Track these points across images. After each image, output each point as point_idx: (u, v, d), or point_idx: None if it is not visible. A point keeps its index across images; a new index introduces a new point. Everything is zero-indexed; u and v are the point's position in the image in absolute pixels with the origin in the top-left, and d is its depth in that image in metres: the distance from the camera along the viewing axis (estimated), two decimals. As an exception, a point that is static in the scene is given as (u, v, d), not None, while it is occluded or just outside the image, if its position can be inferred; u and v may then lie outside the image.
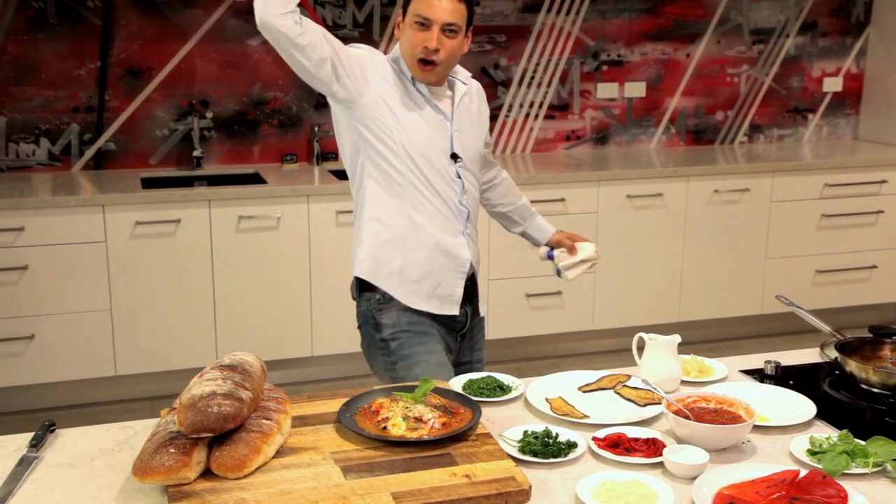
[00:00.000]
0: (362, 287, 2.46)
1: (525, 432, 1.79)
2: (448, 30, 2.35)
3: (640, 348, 2.08)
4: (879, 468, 1.68)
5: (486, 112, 2.61)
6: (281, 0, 2.15)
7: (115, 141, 4.36)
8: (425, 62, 2.36)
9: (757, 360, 2.22)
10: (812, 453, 1.73)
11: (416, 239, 2.41)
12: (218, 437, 1.66)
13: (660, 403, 1.92)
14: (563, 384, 2.06)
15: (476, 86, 2.58)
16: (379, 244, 2.41)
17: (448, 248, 2.43)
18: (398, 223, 2.40)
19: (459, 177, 2.45)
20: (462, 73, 2.52)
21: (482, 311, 2.60)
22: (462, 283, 2.47)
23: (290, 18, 2.17)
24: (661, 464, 1.70)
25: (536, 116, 4.93)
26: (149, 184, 4.16)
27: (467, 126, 2.49)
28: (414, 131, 2.38)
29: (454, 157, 2.44)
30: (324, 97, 4.77)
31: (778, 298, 2.52)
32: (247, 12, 4.38)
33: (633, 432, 1.80)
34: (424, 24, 2.34)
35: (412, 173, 2.38)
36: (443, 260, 2.43)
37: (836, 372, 2.10)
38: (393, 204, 2.40)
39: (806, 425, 1.88)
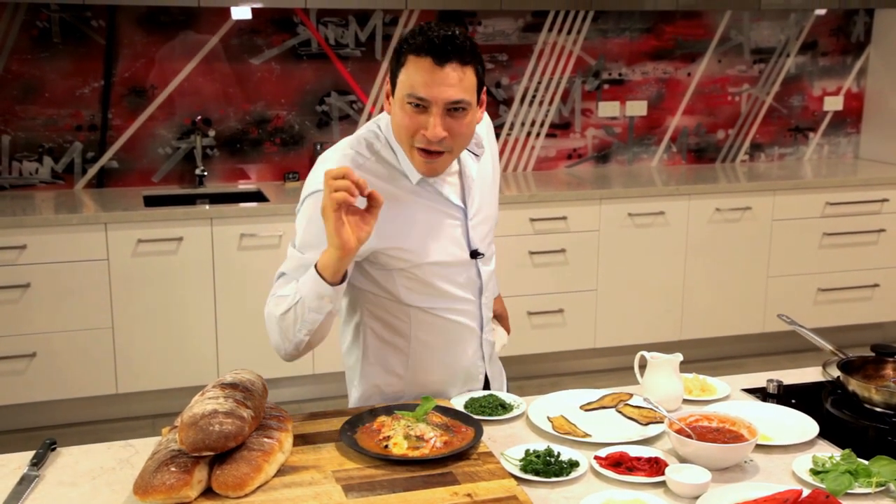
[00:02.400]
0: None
1: (527, 451, 1.79)
2: (454, 108, 1.81)
3: (642, 367, 2.08)
4: (882, 488, 1.68)
5: (496, 150, 2.18)
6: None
7: (118, 159, 4.38)
8: (427, 152, 1.85)
9: (759, 379, 2.22)
10: (815, 473, 1.73)
11: (425, 379, 2.08)
12: (219, 455, 1.65)
13: (662, 422, 1.92)
14: (565, 403, 2.06)
15: (486, 126, 2.11)
16: (382, 388, 2.10)
17: (459, 375, 2.12)
18: (404, 373, 2.08)
19: (479, 275, 2.05)
20: (473, 139, 1.99)
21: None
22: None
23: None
24: (663, 483, 1.69)
25: (538, 135, 4.94)
26: (151, 202, 4.17)
27: (483, 196, 2.05)
28: (421, 252, 1.95)
29: (474, 253, 2.02)
30: (327, 115, 4.79)
31: (780, 317, 2.52)
32: (249, 32, 4.40)
33: (635, 451, 1.79)
34: (420, 106, 1.80)
35: (420, 311, 2.01)
36: (457, 385, 2.13)
37: (839, 391, 2.09)
38: (399, 360, 2.07)
39: (808, 444, 1.88)
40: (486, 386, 2.20)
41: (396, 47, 1.86)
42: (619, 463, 1.75)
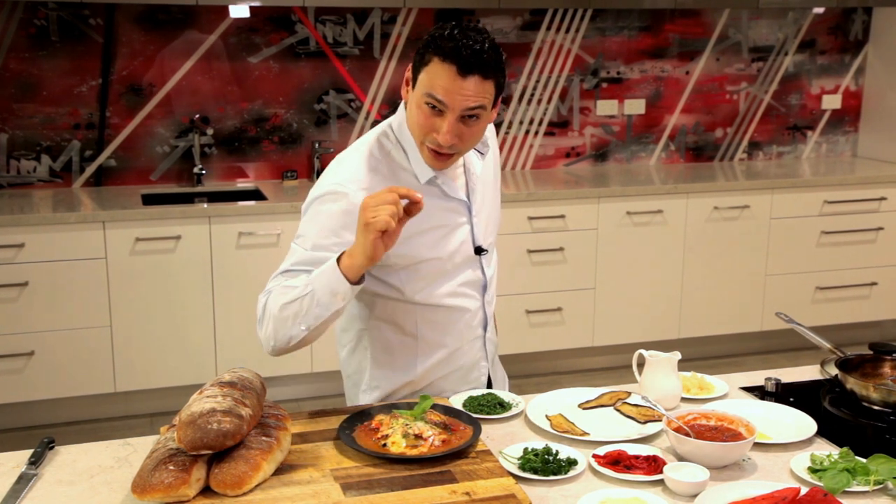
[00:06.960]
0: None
1: (525, 449, 1.79)
2: (469, 115, 1.84)
3: (641, 365, 2.08)
4: (880, 486, 1.68)
5: (497, 149, 2.20)
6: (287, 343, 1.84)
7: (116, 157, 4.37)
8: (437, 152, 1.89)
9: (757, 377, 2.22)
10: (813, 471, 1.73)
11: (432, 379, 2.10)
12: (217, 454, 1.65)
13: (660, 420, 1.92)
14: (564, 401, 2.06)
15: (490, 127, 2.07)
16: (384, 385, 2.11)
17: (464, 376, 2.14)
18: (413, 373, 2.09)
19: (483, 272, 2.08)
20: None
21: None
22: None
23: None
24: (661, 481, 1.69)
25: (536, 133, 4.94)
26: (149, 200, 4.16)
27: (486, 194, 2.09)
28: (428, 249, 1.97)
29: (478, 250, 2.05)
30: (325, 114, 4.78)
31: (778, 315, 2.52)
32: (248, 30, 4.39)
33: (633, 449, 1.79)
34: (436, 108, 1.83)
35: (426, 308, 2.03)
36: (458, 383, 2.14)
37: (837, 389, 2.10)
38: (408, 361, 2.08)
39: (807, 443, 1.88)
40: (489, 388, 2.20)
41: (424, 42, 1.85)
42: (618, 461, 1.75)
